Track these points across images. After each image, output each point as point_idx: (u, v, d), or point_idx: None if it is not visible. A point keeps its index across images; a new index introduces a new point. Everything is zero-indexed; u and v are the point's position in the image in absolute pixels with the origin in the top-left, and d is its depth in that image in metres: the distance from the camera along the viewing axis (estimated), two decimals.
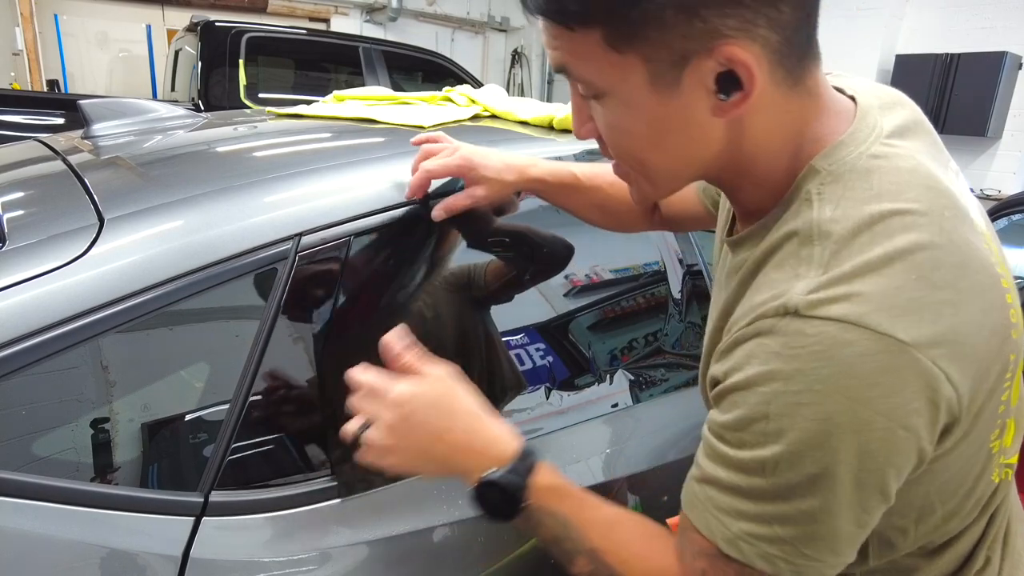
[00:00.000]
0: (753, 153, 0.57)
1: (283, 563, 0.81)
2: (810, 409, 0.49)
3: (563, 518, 0.64)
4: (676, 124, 0.55)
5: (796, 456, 0.50)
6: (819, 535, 0.52)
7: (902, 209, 0.51)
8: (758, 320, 0.52)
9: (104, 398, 0.78)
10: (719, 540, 0.56)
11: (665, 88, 0.53)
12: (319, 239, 0.89)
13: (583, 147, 1.22)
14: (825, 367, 0.48)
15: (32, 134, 2.20)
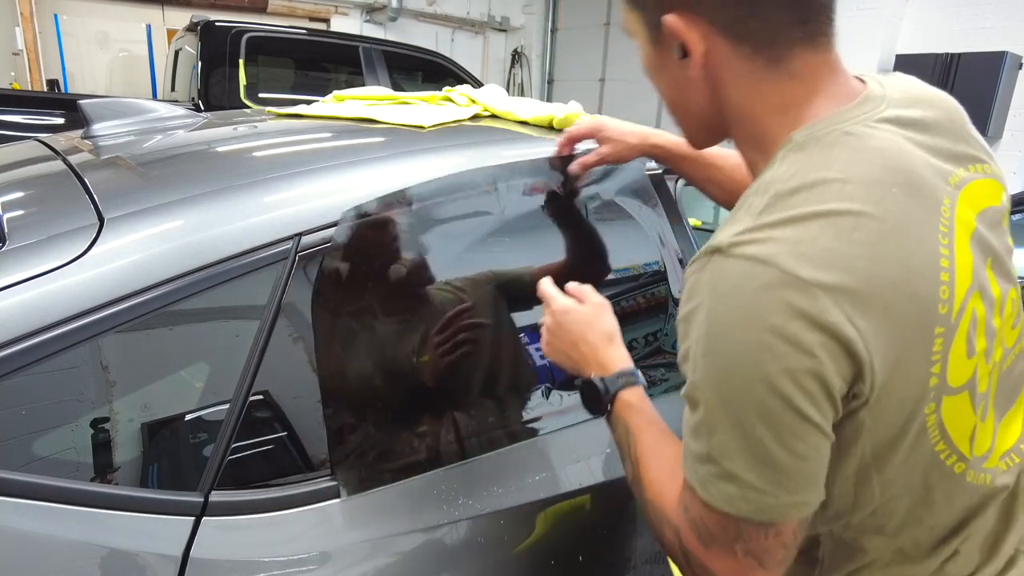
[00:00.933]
0: (735, 116, 0.66)
1: (283, 563, 0.81)
2: (721, 336, 0.55)
3: (628, 429, 0.75)
4: (665, 73, 0.68)
5: (715, 382, 0.56)
6: (759, 463, 0.56)
7: (845, 178, 0.56)
8: (697, 259, 0.60)
9: (104, 398, 0.78)
10: (695, 483, 0.61)
11: (655, 47, 0.67)
12: (319, 239, 0.89)
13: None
14: (735, 298, 0.54)
15: (32, 134, 2.19)
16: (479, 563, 0.92)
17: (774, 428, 0.55)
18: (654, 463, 0.72)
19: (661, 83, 0.70)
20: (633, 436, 0.74)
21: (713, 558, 0.62)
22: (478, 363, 1.05)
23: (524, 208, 1.14)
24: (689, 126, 0.73)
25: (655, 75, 0.70)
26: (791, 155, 0.60)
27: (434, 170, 1.03)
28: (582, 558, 1.04)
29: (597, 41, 8.54)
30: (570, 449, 1.07)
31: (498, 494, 0.97)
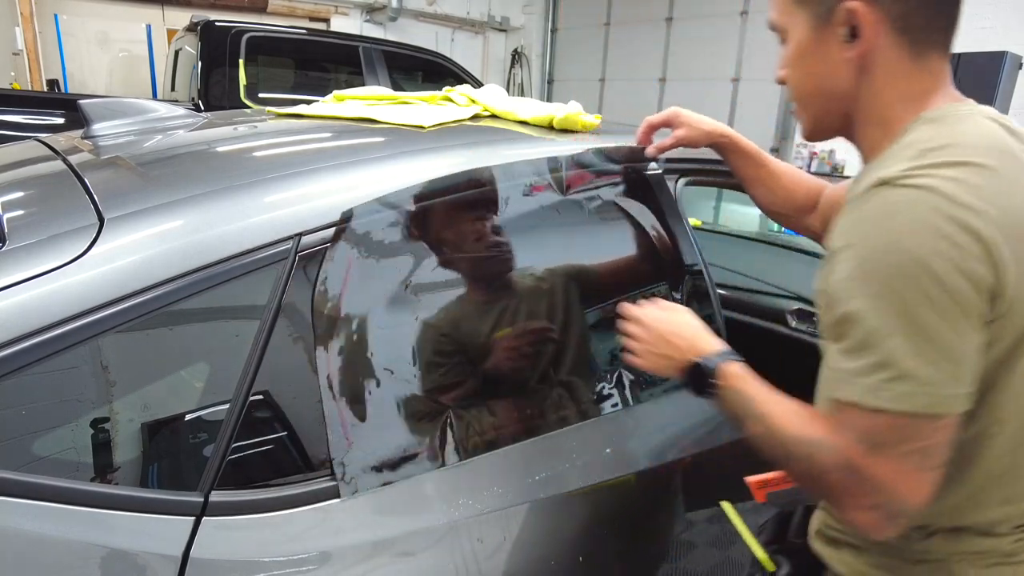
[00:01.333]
0: (875, 97, 0.77)
1: (283, 563, 0.81)
2: (894, 249, 0.65)
3: (745, 393, 0.83)
4: (821, 59, 0.79)
5: (888, 292, 0.65)
6: (935, 356, 0.65)
7: (975, 143, 0.70)
8: (858, 196, 0.70)
9: (104, 398, 0.78)
10: (860, 397, 0.68)
11: (817, 32, 0.77)
12: (319, 239, 0.89)
13: (582, 147, 1.22)
14: (907, 215, 0.65)
15: (32, 134, 2.19)
16: (479, 563, 0.92)
17: (948, 320, 0.64)
18: (786, 409, 0.79)
19: (812, 66, 0.80)
20: (754, 398, 0.82)
21: (879, 464, 0.68)
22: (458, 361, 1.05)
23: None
24: (819, 110, 0.83)
25: (807, 59, 0.80)
26: (924, 126, 0.73)
27: (434, 170, 1.03)
28: (581, 558, 1.04)
29: (597, 41, 8.54)
30: (569, 449, 1.07)
31: (498, 494, 0.97)
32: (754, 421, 0.81)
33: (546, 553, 0.99)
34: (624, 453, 1.13)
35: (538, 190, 1.14)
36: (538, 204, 1.14)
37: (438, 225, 1.03)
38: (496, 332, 1.06)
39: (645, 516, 1.16)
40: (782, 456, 0.79)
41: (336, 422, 0.87)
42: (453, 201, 1.04)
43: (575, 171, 1.18)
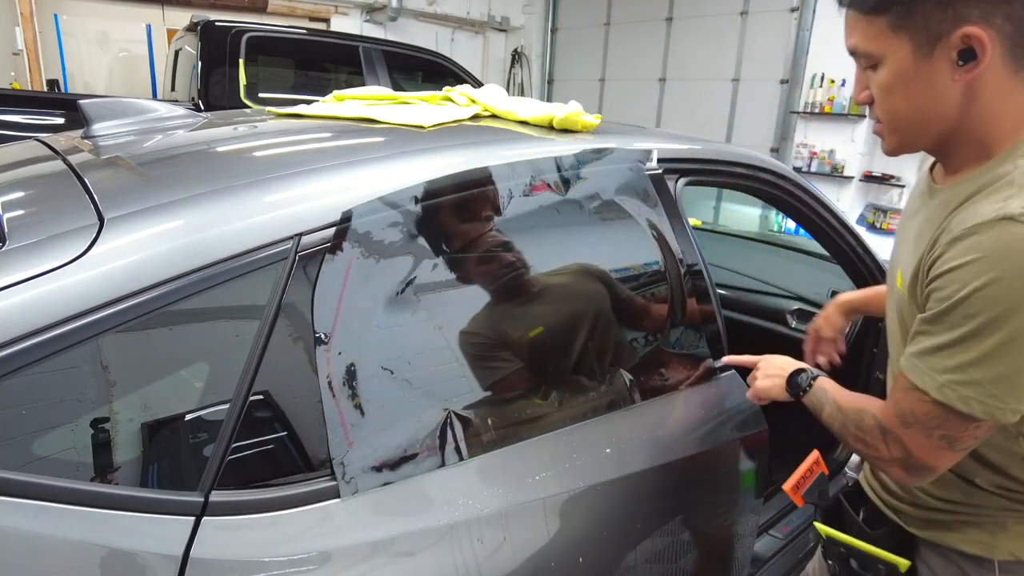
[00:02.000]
0: (979, 116, 0.80)
1: (283, 563, 0.81)
2: (1013, 280, 0.72)
3: (824, 390, 1.01)
4: (925, 85, 0.80)
5: (1000, 318, 0.73)
6: (1011, 385, 0.76)
7: None
8: (977, 226, 0.75)
9: (104, 398, 0.78)
10: (930, 389, 0.80)
11: (922, 58, 0.79)
12: (319, 239, 0.89)
13: (581, 147, 1.22)
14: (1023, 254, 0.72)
15: (32, 134, 2.19)
16: (479, 563, 0.92)
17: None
18: (848, 395, 0.98)
19: (914, 92, 0.81)
20: (831, 391, 1.00)
21: (910, 435, 0.85)
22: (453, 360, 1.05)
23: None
24: (915, 133, 0.86)
25: (909, 85, 0.81)
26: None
27: (434, 170, 1.03)
28: (582, 559, 1.04)
29: (597, 41, 8.54)
30: (568, 449, 1.07)
31: (498, 494, 0.97)
32: (828, 406, 0.99)
33: (546, 553, 0.99)
34: (625, 452, 1.13)
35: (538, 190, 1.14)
36: (543, 203, 1.14)
37: (463, 218, 1.07)
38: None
39: (646, 516, 1.16)
40: (840, 426, 0.96)
41: (336, 422, 0.87)
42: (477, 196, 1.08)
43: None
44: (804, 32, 6.46)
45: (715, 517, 1.30)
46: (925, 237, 0.85)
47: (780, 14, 6.72)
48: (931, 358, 0.80)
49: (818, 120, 6.31)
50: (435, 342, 1.01)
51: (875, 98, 0.85)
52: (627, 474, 1.11)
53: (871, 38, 0.81)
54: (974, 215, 0.77)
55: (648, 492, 1.15)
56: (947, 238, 0.79)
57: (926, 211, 0.91)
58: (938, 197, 0.88)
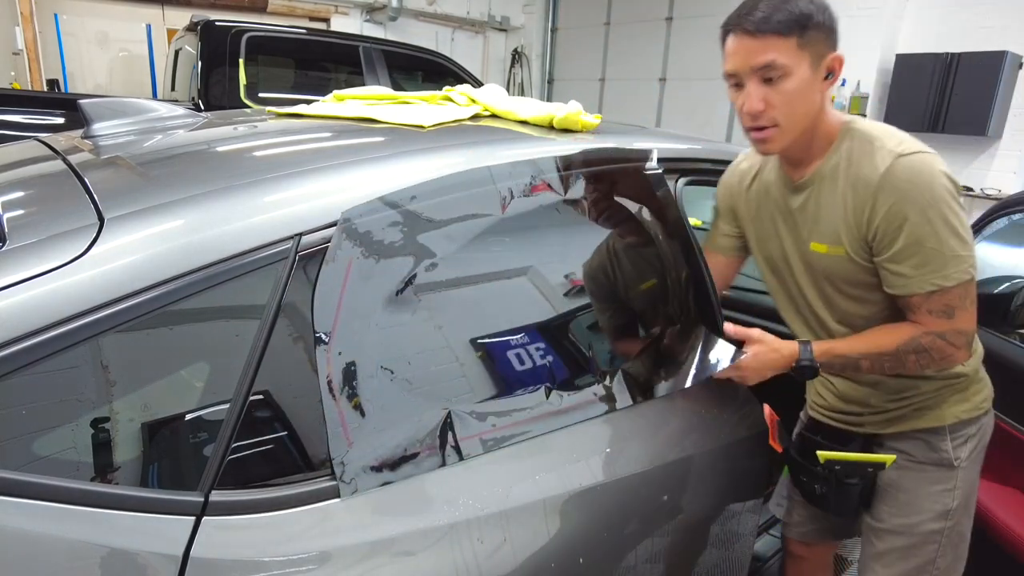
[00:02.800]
0: (824, 116, 1.14)
1: (283, 562, 0.81)
2: (935, 186, 1.06)
3: (838, 355, 1.18)
4: (811, 92, 1.09)
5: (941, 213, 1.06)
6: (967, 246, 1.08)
7: (885, 127, 1.16)
8: (884, 174, 1.08)
9: (104, 398, 0.78)
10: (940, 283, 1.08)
11: (813, 72, 1.08)
12: (319, 238, 0.89)
13: (581, 146, 1.22)
14: (934, 167, 1.07)
15: (32, 134, 2.19)
16: (479, 563, 0.92)
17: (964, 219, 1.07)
18: (876, 340, 1.16)
19: (806, 95, 1.08)
20: (849, 352, 1.17)
21: (959, 321, 1.11)
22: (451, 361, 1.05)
23: None
24: (800, 128, 1.11)
25: (804, 89, 1.08)
26: (862, 129, 1.15)
27: (434, 170, 1.03)
28: (582, 560, 1.04)
29: (597, 41, 8.53)
30: (569, 449, 1.07)
31: (499, 494, 0.97)
32: (863, 360, 1.16)
33: (546, 554, 0.99)
34: (625, 452, 1.13)
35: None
36: None
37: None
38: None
39: (646, 516, 1.16)
40: (895, 363, 1.15)
41: (336, 422, 0.87)
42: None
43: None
44: None
45: (716, 517, 1.30)
46: (838, 207, 1.14)
47: None
48: (927, 267, 1.07)
49: None
50: (435, 342, 1.01)
51: (775, 104, 1.07)
52: (628, 474, 1.11)
53: (786, 53, 1.05)
54: (872, 168, 1.09)
55: (649, 492, 1.15)
56: (866, 189, 1.09)
57: (799, 201, 1.20)
58: (811, 183, 1.18)
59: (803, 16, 1.04)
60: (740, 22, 1.06)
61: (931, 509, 1.25)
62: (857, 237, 1.13)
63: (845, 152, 1.13)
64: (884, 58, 5.61)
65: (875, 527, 1.31)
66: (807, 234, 1.20)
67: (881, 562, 1.30)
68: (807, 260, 1.22)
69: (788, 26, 1.04)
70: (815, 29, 1.05)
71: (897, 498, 1.27)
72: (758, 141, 1.13)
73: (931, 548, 1.26)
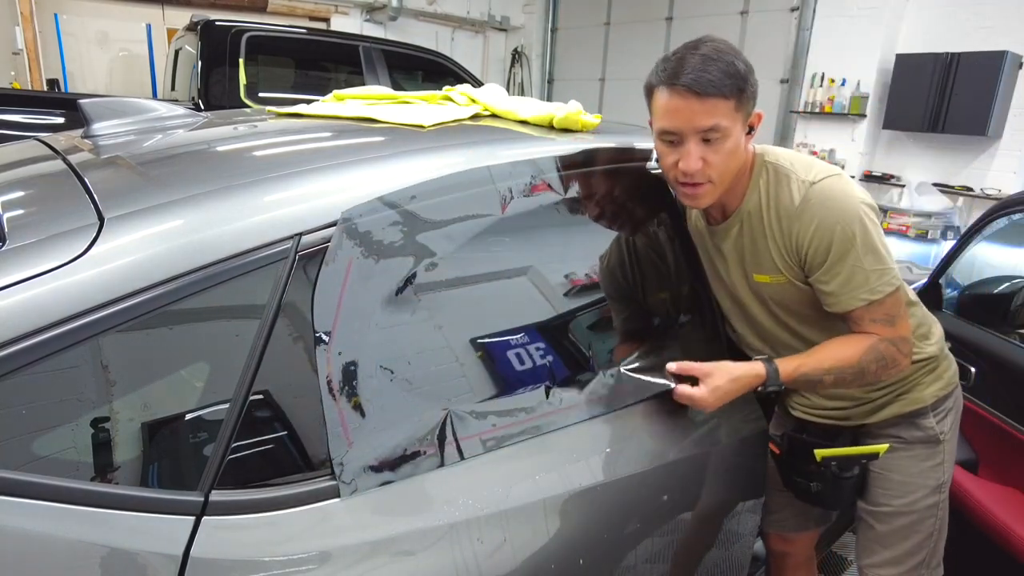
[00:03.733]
0: (743, 165, 1.18)
1: (283, 562, 0.81)
2: (851, 207, 1.12)
3: (803, 374, 1.18)
4: (739, 147, 1.13)
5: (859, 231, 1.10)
6: (889, 258, 1.13)
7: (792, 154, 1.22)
8: (802, 199, 1.14)
9: (104, 397, 0.78)
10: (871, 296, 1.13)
11: (742, 129, 1.13)
12: (319, 238, 0.89)
13: (581, 146, 1.22)
14: (846, 188, 1.14)
15: (32, 133, 2.19)
16: (479, 562, 0.92)
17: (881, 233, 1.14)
18: (836, 353, 1.17)
19: (738, 153, 1.13)
20: (810, 370, 1.17)
21: (900, 327, 1.16)
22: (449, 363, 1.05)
23: None
24: (730, 179, 1.16)
25: (737, 148, 1.12)
26: (771, 162, 1.20)
27: (434, 169, 1.03)
28: (582, 561, 1.04)
29: (597, 41, 8.53)
30: (569, 449, 1.07)
31: (499, 495, 0.97)
32: (825, 375, 1.17)
33: (546, 554, 0.99)
34: (624, 453, 1.13)
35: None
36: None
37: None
38: None
39: (646, 516, 1.16)
40: (857, 375, 1.17)
41: (335, 422, 0.87)
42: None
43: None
44: (804, 32, 6.45)
45: (715, 517, 1.30)
46: (767, 241, 1.19)
47: (780, 14, 6.71)
48: (854, 282, 1.12)
49: (818, 120, 6.30)
50: (435, 342, 1.01)
51: (712, 164, 1.10)
52: (627, 474, 1.11)
53: (728, 116, 1.08)
54: (791, 198, 1.15)
55: (648, 491, 1.15)
56: (788, 220, 1.15)
57: (731, 240, 1.24)
58: (736, 225, 1.22)
59: (741, 78, 1.08)
60: (684, 81, 1.05)
61: (926, 485, 1.30)
62: (792, 264, 1.17)
63: (763, 187, 1.18)
64: (884, 58, 5.60)
65: (874, 511, 1.34)
66: (748, 268, 1.24)
67: (884, 543, 1.34)
68: (755, 291, 1.25)
69: (731, 89, 1.07)
70: (750, 88, 1.10)
71: (891, 479, 1.31)
72: (690, 196, 1.14)
73: (930, 522, 1.31)
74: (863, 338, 1.16)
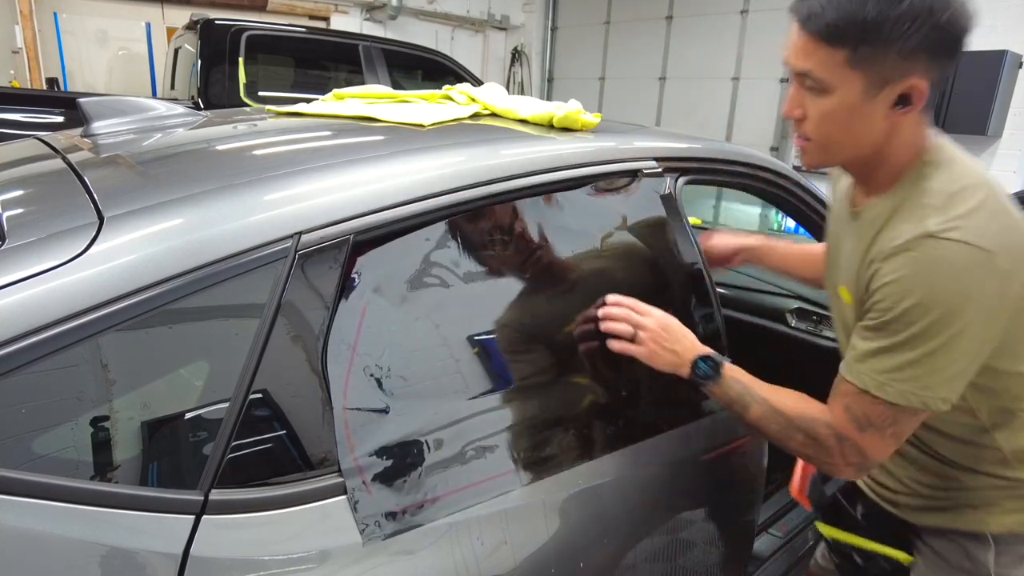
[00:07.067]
0: (894, 149, 0.93)
1: (283, 561, 0.81)
2: (942, 291, 0.83)
3: (742, 382, 1.02)
4: (862, 118, 0.89)
5: (934, 324, 0.84)
6: (944, 377, 0.86)
7: (974, 183, 0.89)
8: (905, 243, 0.86)
9: (104, 396, 0.78)
10: (869, 387, 0.89)
11: (869, 96, 0.87)
12: (319, 237, 0.89)
13: (582, 145, 1.22)
14: (950, 267, 0.83)
15: (32, 132, 2.19)
16: (478, 562, 0.92)
17: (974, 348, 0.86)
18: (783, 396, 1.00)
19: (851, 121, 0.90)
20: (752, 387, 1.02)
21: (866, 438, 0.92)
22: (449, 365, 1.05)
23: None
24: (839, 153, 0.95)
25: (850, 115, 0.89)
26: (930, 171, 0.91)
27: (434, 168, 1.03)
28: (583, 563, 1.04)
29: (597, 39, 8.53)
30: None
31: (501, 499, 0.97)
32: (756, 403, 1.00)
33: (547, 555, 0.99)
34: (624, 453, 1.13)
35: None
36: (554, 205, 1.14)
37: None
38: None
39: (645, 515, 1.16)
40: (782, 429, 0.99)
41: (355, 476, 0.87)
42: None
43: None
44: None
45: (715, 516, 1.30)
46: (857, 255, 0.97)
47: (780, 13, 6.70)
48: (872, 361, 0.89)
49: None
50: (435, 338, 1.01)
51: (810, 118, 0.91)
52: (627, 474, 1.11)
53: (828, 68, 0.86)
54: (899, 234, 0.88)
55: (648, 491, 1.15)
56: (880, 256, 0.89)
57: (852, 231, 1.01)
58: (860, 218, 0.99)
59: (866, 26, 0.81)
60: (794, 6, 0.87)
61: None
62: (858, 297, 0.96)
63: (899, 200, 0.92)
64: None
65: None
66: (840, 273, 1.04)
67: None
68: (836, 298, 1.07)
69: (838, 36, 0.83)
70: (884, 44, 0.81)
71: None
72: (797, 148, 0.97)
73: None
74: (815, 407, 0.97)
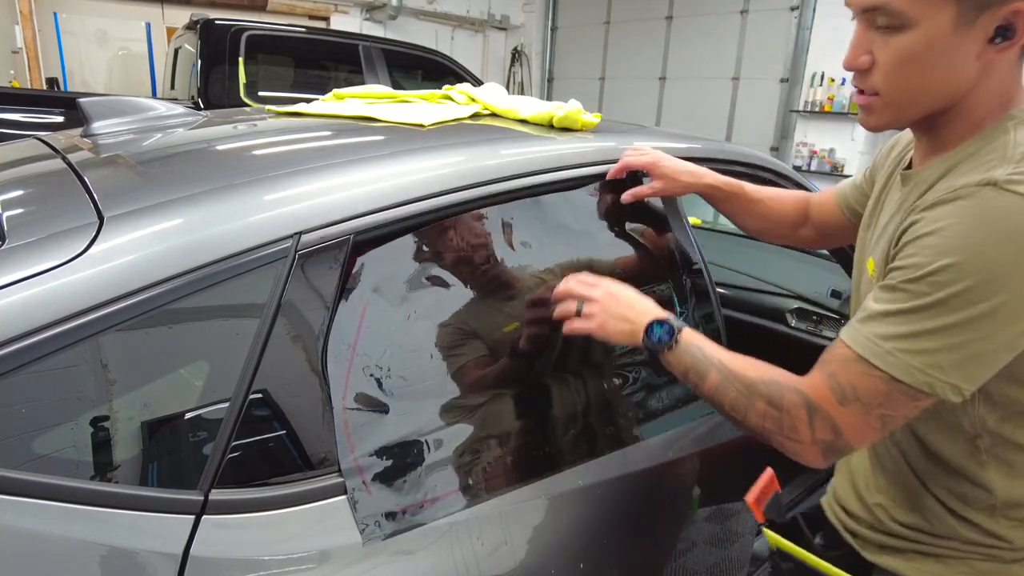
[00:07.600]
0: (981, 96, 0.75)
1: (283, 561, 0.81)
2: (989, 252, 0.66)
3: (700, 348, 0.88)
4: (949, 59, 0.72)
5: (968, 291, 0.67)
6: (961, 357, 0.69)
7: None
8: (959, 190, 0.70)
9: (104, 396, 0.78)
10: (867, 353, 0.73)
11: (961, 28, 0.70)
12: (319, 237, 0.89)
13: (582, 145, 1.22)
14: (1007, 224, 0.66)
15: (31, 132, 2.19)
16: (478, 562, 0.92)
17: (1007, 331, 0.68)
18: (746, 361, 0.85)
19: (936, 65, 0.73)
20: (709, 352, 0.88)
21: (845, 414, 0.75)
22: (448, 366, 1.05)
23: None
24: (915, 105, 0.78)
25: (934, 56, 0.73)
26: (1020, 127, 0.73)
27: (434, 168, 1.03)
28: (582, 564, 1.04)
29: (597, 39, 8.54)
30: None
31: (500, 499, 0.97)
32: (713, 370, 0.86)
33: (547, 555, 0.99)
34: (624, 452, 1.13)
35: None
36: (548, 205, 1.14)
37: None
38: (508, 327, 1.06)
39: (645, 515, 1.16)
40: (740, 397, 0.83)
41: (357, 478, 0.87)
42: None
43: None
44: (804, 31, 6.46)
45: (715, 516, 1.30)
46: (897, 217, 0.80)
47: (780, 12, 6.72)
48: (879, 323, 0.73)
49: (818, 119, 6.31)
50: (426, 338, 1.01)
51: (879, 65, 0.76)
52: (627, 473, 1.11)
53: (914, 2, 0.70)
54: (954, 184, 0.72)
55: (648, 491, 1.15)
56: (923, 205, 0.74)
57: (896, 198, 0.86)
58: (911, 181, 0.83)
59: None
60: None
61: None
62: (884, 262, 0.80)
63: (965, 155, 0.76)
64: None
65: None
66: (869, 244, 0.91)
67: None
68: (861, 276, 0.94)
69: None
70: None
71: None
72: (860, 107, 0.82)
73: None
74: (786, 375, 0.81)
